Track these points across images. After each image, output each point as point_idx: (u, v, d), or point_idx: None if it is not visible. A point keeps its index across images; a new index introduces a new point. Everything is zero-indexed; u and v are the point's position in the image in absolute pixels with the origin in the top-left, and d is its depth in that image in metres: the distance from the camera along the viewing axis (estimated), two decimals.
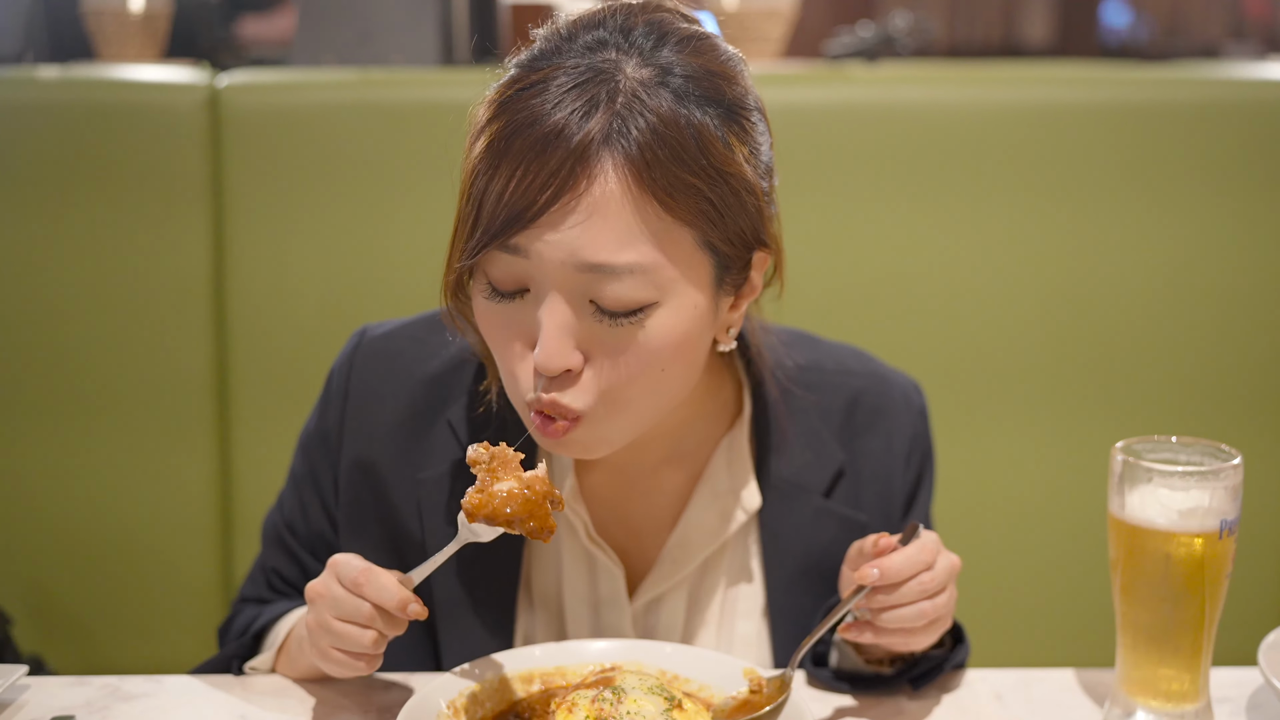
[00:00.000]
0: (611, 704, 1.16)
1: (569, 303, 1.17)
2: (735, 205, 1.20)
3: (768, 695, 1.23)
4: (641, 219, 1.15)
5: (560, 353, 1.17)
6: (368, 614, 1.20)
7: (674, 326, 1.20)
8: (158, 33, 2.92)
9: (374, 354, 1.46)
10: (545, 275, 1.17)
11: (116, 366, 2.15)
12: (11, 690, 1.35)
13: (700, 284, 1.21)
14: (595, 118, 1.14)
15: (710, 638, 1.45)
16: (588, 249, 1.14)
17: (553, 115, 1.14)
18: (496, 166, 1.16)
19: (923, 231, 2.11)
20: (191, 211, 2.12)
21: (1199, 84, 2.18)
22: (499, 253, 1.17)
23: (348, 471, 1.45)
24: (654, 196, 1.15)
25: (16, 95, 2.18)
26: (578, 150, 1.13)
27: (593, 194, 1.14)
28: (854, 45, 2.97)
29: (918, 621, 1.24)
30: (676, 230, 1.17)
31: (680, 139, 1.15)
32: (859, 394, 1.48)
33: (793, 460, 1.43)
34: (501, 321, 1.21)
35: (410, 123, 2.13)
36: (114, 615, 2.19)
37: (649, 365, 1.20)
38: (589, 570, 1.43)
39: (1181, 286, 2.11)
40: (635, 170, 1.14)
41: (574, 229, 1.14)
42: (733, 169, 1.19)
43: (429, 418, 1.43)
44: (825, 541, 1.44)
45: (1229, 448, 1.25)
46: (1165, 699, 1.26)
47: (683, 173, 1.15)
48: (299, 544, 1.52)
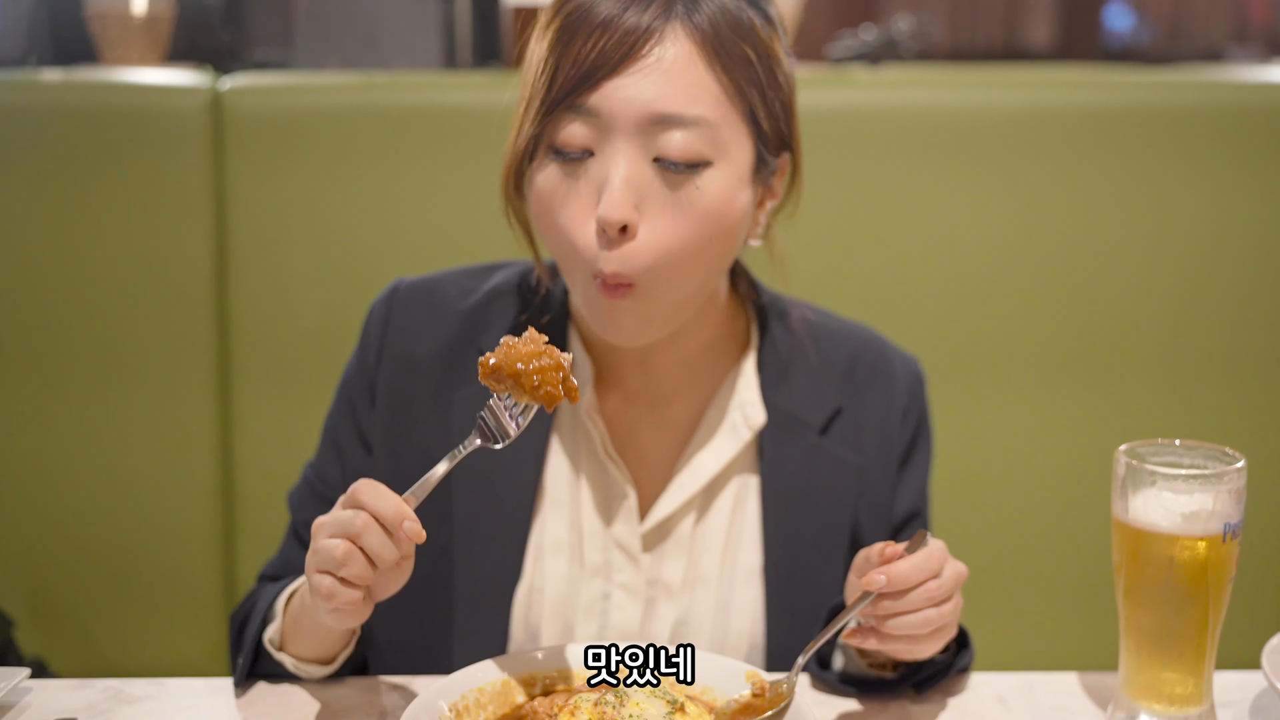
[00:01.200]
0: (614, 707, 1.16)
1: (633, 158, 1.28)
2: (775, 88, 1.35)
3: (770, 699, 1.23)
4: (707, 77, 1.29)
5: (624, 204, 1.27)
6: (361, 524, 1.16)
7: (723, 189, 1.31)
8: (160, 36, 2.91)
9: (413, 291, 1.54)
10: (614, 129, 1.28)
11: (118, 369, 2.15)
12: (14, 693, 1.35)
13: (745, 157, 1.34)
14: (659, 3, 1.29)
15: (714, 566, 1.47)
16: (658, 100, 1.27)
17: (620, 3, 1.29)
18: (570, 39, 1.29)
19: (926, 234, 2.11)
20: (194, 214, 2.12)
21: (1202, 87, 2.17)
22: (568, 115, 1.29)
23: (384, 397, 1.50)
24: (718, 60, 1.29)
25: (20, 98, 2.18)
26: (651, 15, 1.28)
27: (664, 51, 1.27)
28: (857, 48, 2.98)
29: (924, 629, 1.24)
30: (732, 95, 1.31)
31: (735, 18, 1.32)
32: (860, 352, 1.56)
33: (793, 395, 1.50)
34: (563, 187, 1.31)
35: (412, 126, 2.13)
36: (116, 618, 2.19)
37: (699, 226, 1.30)
38: (603, 485, 1.47)
39: (1184, 289, 2.11)
40: (702, 36, 1.29)
41: (645, 83, 1.27)
42: (773, 55, 1.35)
43: (463, 347, 1.50)
44: (819, 478, 1.49)
45: (1233, 451, 1.25)
46: (1169, 702, 1.26)
47: (740, 43, 1.31)
48: (331, 490, 1.52)
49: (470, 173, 2.07)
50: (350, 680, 1.40)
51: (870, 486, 1.51)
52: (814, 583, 1.48)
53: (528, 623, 1.45)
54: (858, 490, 1.50)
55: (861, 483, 1.51)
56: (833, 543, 1.49)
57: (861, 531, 1.51)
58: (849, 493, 1.50)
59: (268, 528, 2.07)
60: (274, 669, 1.40)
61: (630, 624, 1.46)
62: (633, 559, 1.46)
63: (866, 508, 1.51)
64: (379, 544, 1.17)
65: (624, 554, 1.46)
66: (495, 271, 1.56)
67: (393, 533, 1.17)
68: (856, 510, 1.50)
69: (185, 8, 3.00)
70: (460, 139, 2.09)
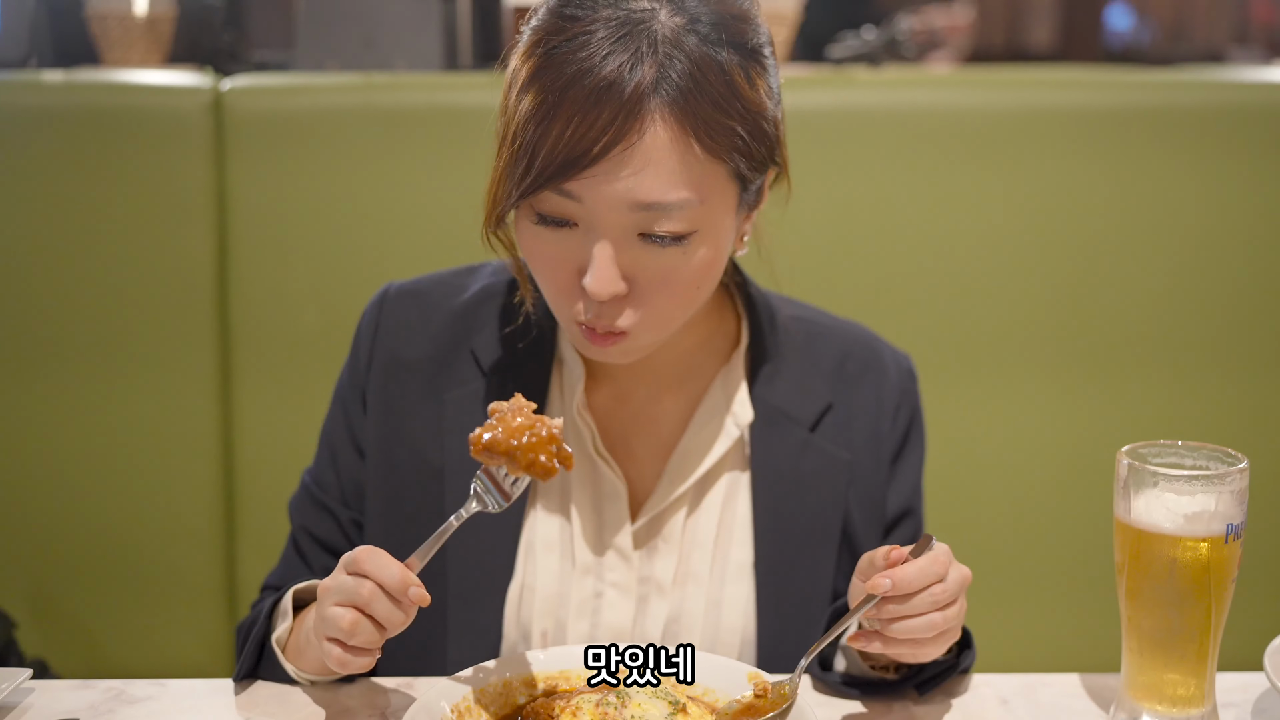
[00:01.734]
0: (615, 708, 1.16)
1: (619, 237, 1.27)
2: (760, 136, 1.31)
3: (772, 700, 1.23)
4: (688, 160, 1.25)
5: (611, 281, 1.27)
6: (367, 594, 1.18)
7: (710, 249, 1.31)
8: (162, 37, 2.91)
9: (402, 294, 1.55)
10: (597, 214, 1.26)
11: (120, 369, 2.15)
12: (16, 694, 1.35)
13: (730, 210, 1.32)
14: (642, 68, 1.23)
15: (705, 563, 1.47)
16: (641, 191, 1.24)
17: (603, 68, 1.22)
18: (551, 116, 1.24)
19: (927, 234, 2.11)
20: (195, 215, 2.12)
21: (1203, 87, 2.17)
22: (550, 194, 1.26)
23: (375, 402, 1.51)
24: (696, 138, 1.25)
25: (21, 99, 2.18)
26: (631, 101, 1.22)
27: (644, 142, 1.23)
28: (858, 49, 2.97)
29: (928, 633, 1.24)
30: (714, 166, 1.27)
31: (715, 83, 1.25)
32: (850, 348, 1.56)
33: (783, 392, 1.51)
34: (550, 250, 1.30)
35: (414, 127, 2.13)
36: (118, 619, 2.19)
37: (688, 286, 1.31)
38: (593, 483, 1.48)
39: (1185, 289, 2.11)
40: (680, 115, 1.24)
41: (628, 174, 1.24)
42: (757, 105, 1.30)
43: (454, 348, 1.50)
44: (810, 474, 1.49)
45: (1235, 452, 1.25)
46: (1171, 704, 1.26)
47: (719, 115, 1.26)
48: (329, 496, 1.54)
49: (471, 173, 2.05)
50: (351, 681, 1.40)
51: (861, 483, 1.51)
52: (805, 579, 1.49)
53: (519, 621, 1.45)
54: (848, 487, 1.50)
55: (852, 479, 1.51)
56: (823, 539, 1.49)
57: (854, 528, 1.51)
58: (839, 489, 1.50)
59: (270, 528, 2.07)
60: (277, 674, 1.40)
61: (622, 622, 1.46)
62: (624, 557, 1.47)
63: (858, 504, 1.51)
64: (387, 612, 1.20)
65: (615, 552, 1.47)
66: (483, 270, 1.57)
67: (399, 601, 1.20)
68: (848, 507, 1.50)
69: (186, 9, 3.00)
70: (461, 139, 2.09)
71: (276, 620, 1.42)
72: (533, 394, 1.42)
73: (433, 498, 1.45)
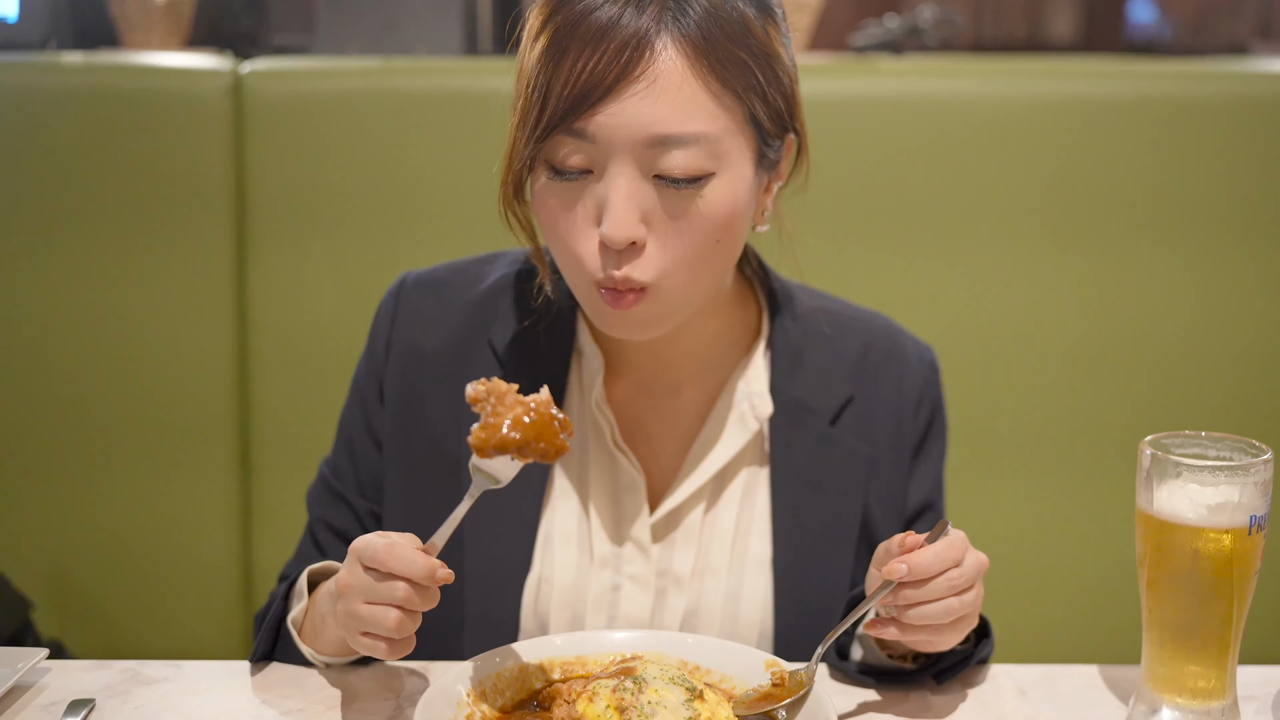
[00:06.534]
0: (633, 694, 1.15)
1: (634, 177, 1.25)
2: (775, 84, 1.30)
3: (790, 688, 1.22)
4: (701, 92, 1.24)
5: (628, 223, 1.25)
6: (403, 595, 1.18)
7: (728, 196, 1.28)
8: (182, 20, 2.92)
9: (420, 284, 1.54)
10: (612, 153, 1.24)
11: (137, 353, 2.15)
12: (32, 674, 1.35)
13: (747, 158, 1.30)
14: (649, 9, 1.23)
15: (723, 556, 1.47)
16: (654, 123, 1.23)
17: (610, 9, 1.23)
18: (560, 56, 1.24)
19: (948, 223, 2.10)
20: (214, 198, 2.12)
21: (1226, 79, 2.16)
22: (564, 137, 1.25)
23: (392, 392, 1.50)
24: (711, 70, 1.24)
25: (41, 82, 2.19)
26: (642, 31, 1.22)
27: (656, 70, 1.23)
28: (880, 38, 2.96)
29: (945, 619, 1.23)
30: (729, 103, 1.26)
31: (728, 18, 1.26)
32: (873, 340, 1.54)
33: (803, 384, 1.49)
34: (564, 201, 1.29)
35: (433, 111, 2.12)
36: (134, 600, 2.20)
37: (706, 234, 1.28)
38: (612, 476, 1.47)
39: (1208, 279, 2.10)
40: (693, 47, 1.24)
41: (640, 106, 1.23)
42: (771, 50, 1.30)
43: (472, 339, 1.49)
44: (829, 468, 1.48)
45: (1259, 443, 1.24)
46: (1191, 696, 1.25)
47: (734, 48, 1.26)
48: (346, 487, 1.53)
49: (491, 158, 2.05)
50: (367, 665, 1.40)
51: (882, 476, 1.50)
52: (823, 573, 1.47)
53: (537, 613, 1.45)
54: (868, 480, 1.49)
55: (872, 473, 1.49)
56: (843, 533, 1.48)
57: (873, 522, 1.50)
58: (859, 483, 1.49)
59: (285, 513, 2.07)
60: (293, 656, 1.40)
61: (640, 615, 1.45)
62: (642, 550, 1.46)
63: (878, 498, 1.50)
64: (422, 604, 1.20)
65: (634, 545, 1.46)
66: (501, 259, 1.56)
67: (426, 588, 1.20)
68: (868, 500, 1.49)
69: None
70: (481, 124, 2.07)
71: (292, 601, 1.42)
72: (551, 386, 1.41)
73: (450, 489, 1.44)
